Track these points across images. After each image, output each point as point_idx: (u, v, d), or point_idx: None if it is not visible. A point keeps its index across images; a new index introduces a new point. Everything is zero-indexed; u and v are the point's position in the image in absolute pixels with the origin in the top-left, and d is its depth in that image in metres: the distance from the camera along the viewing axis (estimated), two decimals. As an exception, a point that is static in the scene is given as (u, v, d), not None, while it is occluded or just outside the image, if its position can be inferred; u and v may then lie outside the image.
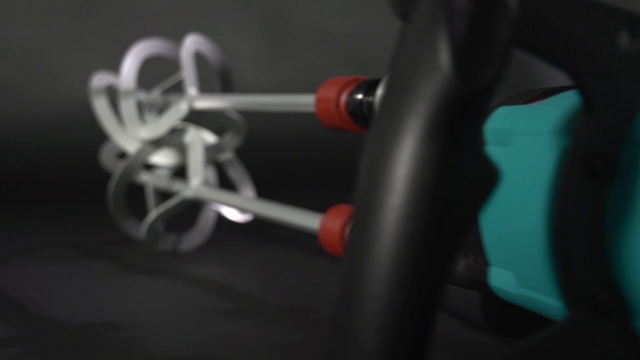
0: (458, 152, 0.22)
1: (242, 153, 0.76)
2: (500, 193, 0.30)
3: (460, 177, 0.22)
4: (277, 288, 0.53)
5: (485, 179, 0.23)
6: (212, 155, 0.68)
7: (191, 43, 0.66)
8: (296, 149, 1.15)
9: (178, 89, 0.68)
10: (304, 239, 0.68)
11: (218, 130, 0.71)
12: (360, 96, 0.43)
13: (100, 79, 0.71)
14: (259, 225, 0.75)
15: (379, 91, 0.40)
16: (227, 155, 0.70)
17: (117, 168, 0.69)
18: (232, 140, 0.69)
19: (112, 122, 0.70)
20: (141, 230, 0.66)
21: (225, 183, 0.74)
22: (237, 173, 0.70)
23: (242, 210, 0.59)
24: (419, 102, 0.22)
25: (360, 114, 0.43)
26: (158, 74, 0.81)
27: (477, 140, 0.22)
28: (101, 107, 0.71)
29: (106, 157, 0.73)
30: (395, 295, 0.22)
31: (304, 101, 0.48)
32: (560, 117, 0.27)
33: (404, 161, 0.22)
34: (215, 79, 0.69)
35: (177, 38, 0.76)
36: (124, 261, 0.64)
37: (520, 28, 0.23)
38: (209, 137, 0.69)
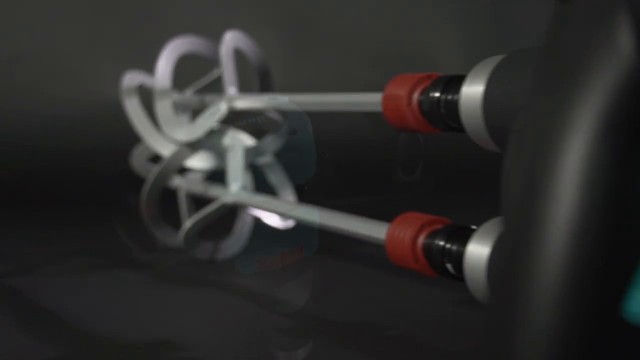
0: (640, 154, 0.18)
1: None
2: None
3: (641, 184, 0.18)
4: (335, 301, 0.49)
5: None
6: (251, 158, 0.64)
7: (230, 40, 0.62)
8: (337, 151, 1.11)
9: (209, 89, 0.65)
10: (348, 246, 0.64)
11: (256, 132, 0.67)
12: (437, 94, 0.39)
13: (131, 79, 0.68)
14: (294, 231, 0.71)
15: (465, 89, 0.36)
16: (266, 159, 0.66)
17: (151, 172, 0.65)
18: (272, 143, 0.65)
19: (145, 124, 0.66)
20: (178, 237, 0.62)
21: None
22: (277, 177, 0.67)
23: (289, 217, 0.56)
24: (593, 94, 0.18)
25: (437, 114, 0.39)
26: (182, 73, 0.77)
27: None
28: (133, 107, 0.67)
29: (138, 161, 0.70)
30: (565, 323, 0.18)
31: (368, 100, 0.45)
32: None
33: (573, 166, 0.18)
34: (254, 77, 0.66)
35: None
36: (160, 270, 0.61)
37: None
38: (248, 140, 0.65)
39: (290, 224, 0.65)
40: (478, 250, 0.36)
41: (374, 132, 0.74)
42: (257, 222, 0.67)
